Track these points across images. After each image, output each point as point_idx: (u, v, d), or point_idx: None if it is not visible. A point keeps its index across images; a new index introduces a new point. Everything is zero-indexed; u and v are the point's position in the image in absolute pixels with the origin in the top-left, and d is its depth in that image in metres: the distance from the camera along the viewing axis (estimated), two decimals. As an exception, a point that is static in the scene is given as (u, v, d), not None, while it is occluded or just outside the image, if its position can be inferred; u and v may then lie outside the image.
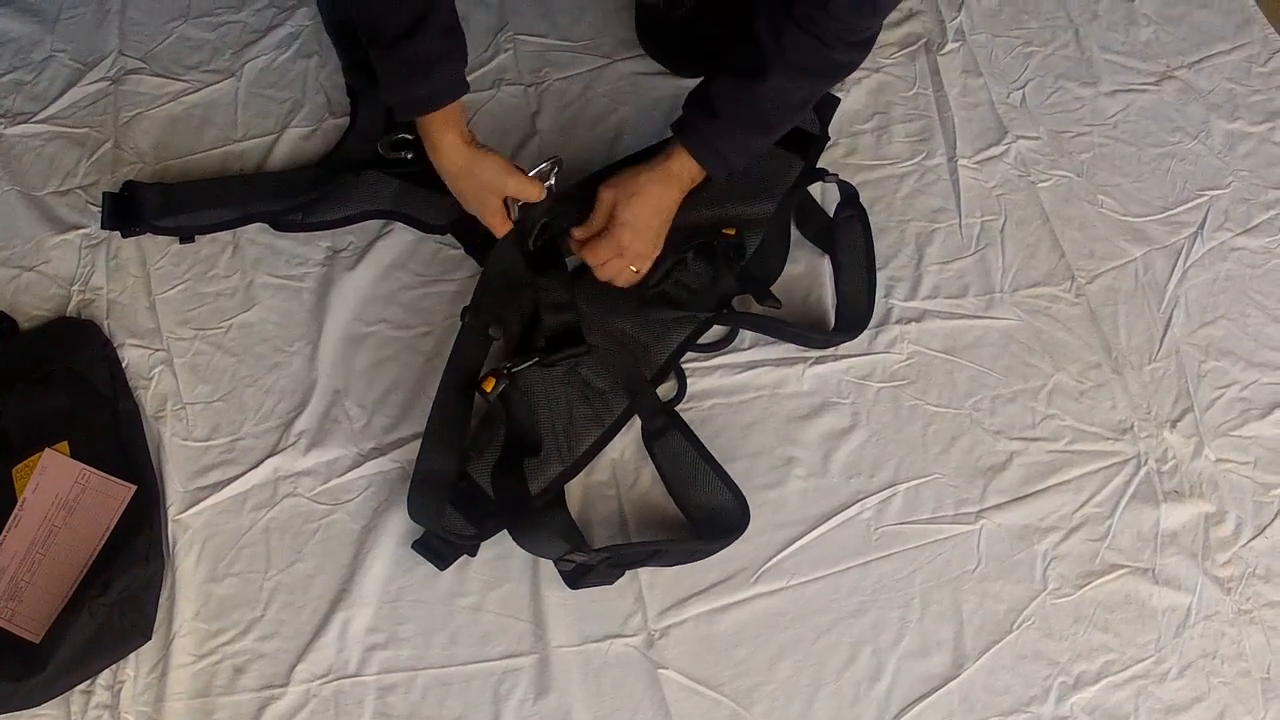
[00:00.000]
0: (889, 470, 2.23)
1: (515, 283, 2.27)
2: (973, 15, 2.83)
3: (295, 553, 2.12)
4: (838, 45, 2.10)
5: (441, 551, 2.10)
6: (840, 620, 2.09)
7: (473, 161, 2.17)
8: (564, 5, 2.78)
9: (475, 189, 2.19)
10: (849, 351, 2.34)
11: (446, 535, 2.09)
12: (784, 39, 2.08)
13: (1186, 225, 2.54)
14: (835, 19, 2.04)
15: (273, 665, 2.03)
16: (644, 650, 2.05)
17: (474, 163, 2.17)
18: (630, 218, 2.18)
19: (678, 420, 2.22)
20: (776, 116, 2.23)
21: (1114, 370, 2.35)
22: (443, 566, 2.10)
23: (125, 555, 2.05)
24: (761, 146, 2.29)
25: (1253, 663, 2.08)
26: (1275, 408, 2.33)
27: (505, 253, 2.25)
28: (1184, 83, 2.76)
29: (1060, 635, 2.09)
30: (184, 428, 2.23)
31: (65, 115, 2.59)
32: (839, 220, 2.44)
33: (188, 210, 2.43)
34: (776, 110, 2.21)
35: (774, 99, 2.17)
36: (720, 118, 2.17)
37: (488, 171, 2.17)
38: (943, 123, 2.65)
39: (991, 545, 2.16)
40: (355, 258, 2.40)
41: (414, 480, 2.09)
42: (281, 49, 2.70)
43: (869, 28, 2.14)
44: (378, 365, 2.30)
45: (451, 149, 2.16)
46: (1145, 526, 2.19)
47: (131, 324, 2.33)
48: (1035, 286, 2.44)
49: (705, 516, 2.16)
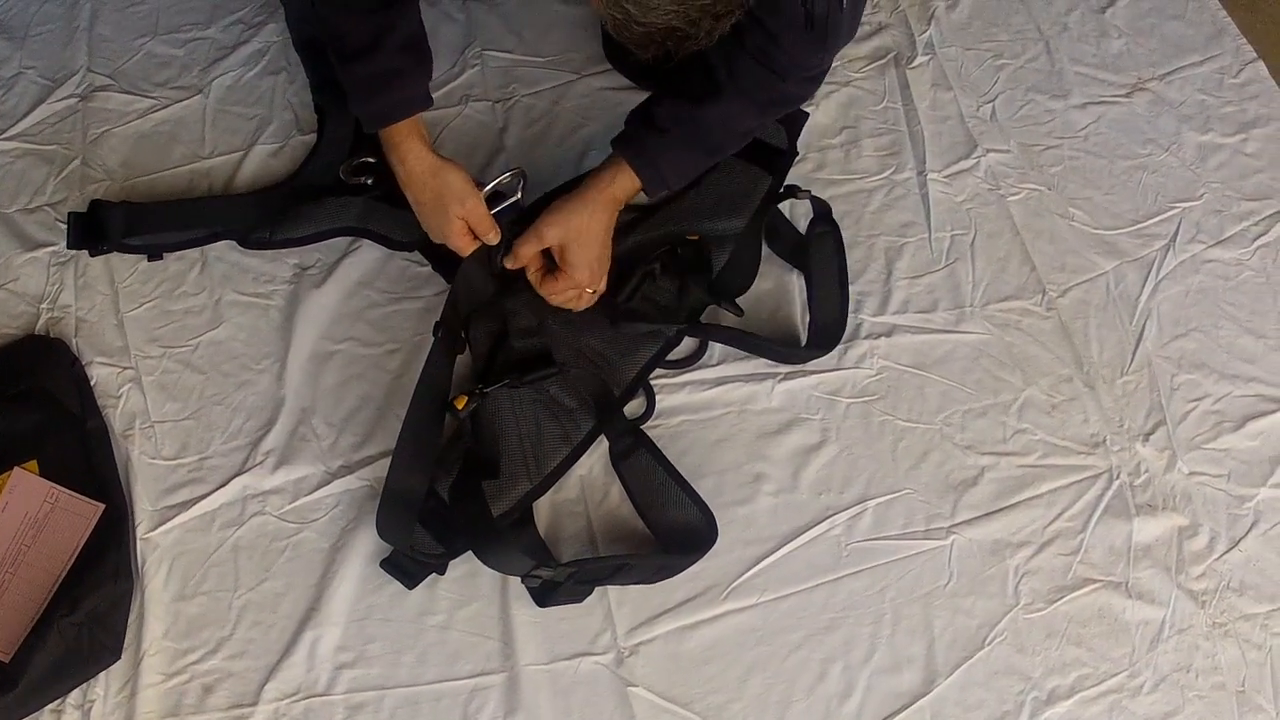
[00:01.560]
0: (859, 486, 2.22)
1: (483, 301, 2.27)
2: (942, 28, 2.84)
3: (264, 571, 2.11)
4: (790, 78, 2.15)
5: (410, 570, 2.10)
6: (811, 637, 2.09)
7: (435, 173, 2.18)
8: (531, 21, 2.78)
9: (435, 201, 2.19)
10: (818, 367, 2.33)
11: (415, 554, 2.09)
12: (736, 66, 2.10)
13: (1158, 238, 2.54)
14: (785, 52, 2.08)
15: (242, 684, 2.02)
16: (613, 668, 2.05)
17: (436, 173, 2.18)
18: (582, 259, 2.19)
19: (645, 439, 2.22)
20: (720, 141, 2.25)
21: (1086, 384, 2.35)
22: (411, 585, 2.09)
23: (94, 574, 2.05)
24: (698, 169, 2.30)
25: (1227, 676, 2.08)
26: (1248, 420, 2.33)
27: (472, 272, 2.24)
28: (1155, 95, 2.76)
29: (1033, 650, 2.09)
30: (152, 446, 2.22)
31: (34, 132, 2.58)
32: (812, 236, 2.43)
33: (154, 230, 2.42)
34: (721, 135, 2.23)
35: (721, 124, 2.20)
36: (666, 135, 2.18)
37: (449, 183, 2.17)
38: (912, 136, 2.65)
39: (963, 560, 2.16)
40: (323, 275, 2.39)
41: (383, 498, 2.08)
42: (249, 66, 2.69)
43: (820, 64, 2.20)
44: (345, 383, 2.29)
45: (415, 159, 2.17)
46: (1118, 540, 2.19)
47: (100, 342, 2.32)
48: (1006, 300, 2.44)
49: (673, 533, 2.16)
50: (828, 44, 2.13)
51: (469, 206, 2.17)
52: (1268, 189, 2.63)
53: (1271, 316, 2.46)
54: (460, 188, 2.17)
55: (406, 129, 2.17)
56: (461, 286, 2.24)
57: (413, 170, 2.18)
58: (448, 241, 2.21)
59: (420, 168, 2.18)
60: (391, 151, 2.20)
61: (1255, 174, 2.65)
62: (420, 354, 2.20)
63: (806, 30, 2.02)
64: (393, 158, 2.20)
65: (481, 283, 2.27)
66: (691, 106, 2.17)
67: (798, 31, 2.03)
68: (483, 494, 2.10)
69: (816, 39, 2.07)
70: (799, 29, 2.02)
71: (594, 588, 2.09)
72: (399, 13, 2.12)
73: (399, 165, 2.19)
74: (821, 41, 2.10)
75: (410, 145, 2.17)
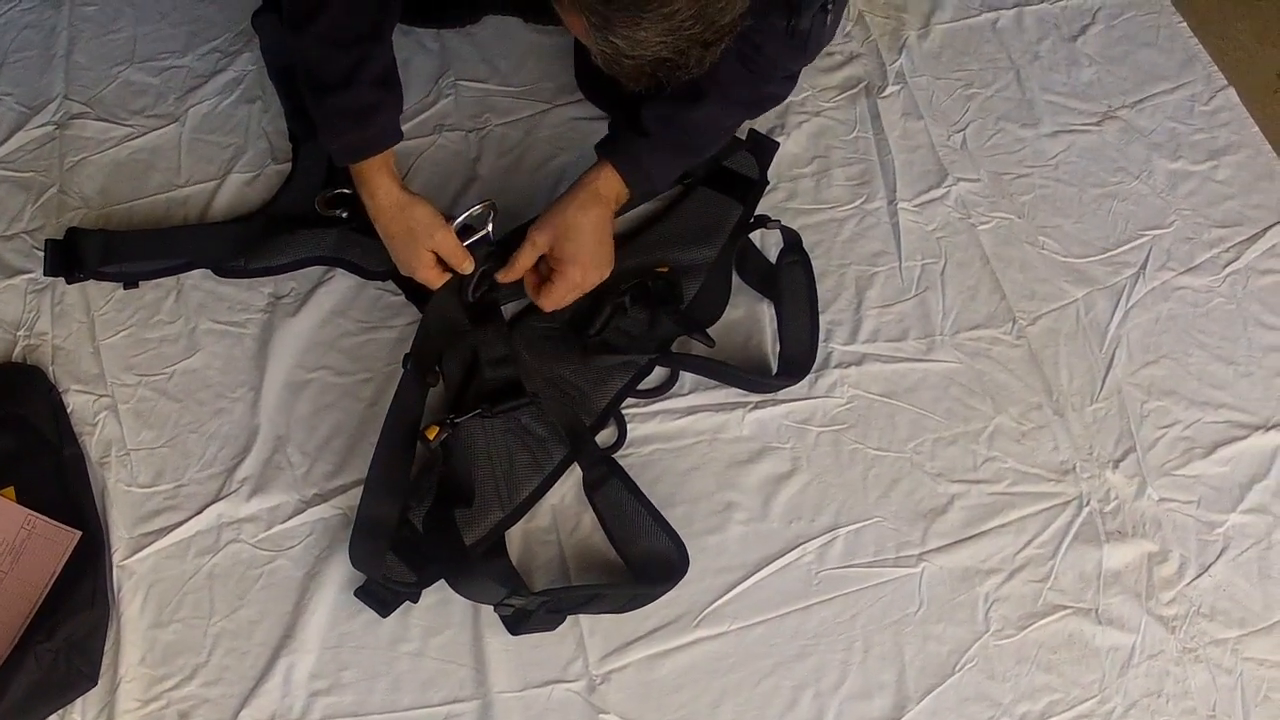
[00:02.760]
0: (829, 514, 2.23)
1: (454, 331, 2.28)
2: (913, 58, 2.85)
3: (239, 599, 2.12)
4: (772, 80, 2.22)
5: (384, 598, 2.10)
6: (782, 664, 2.09)
7: (404, 207, 2.20)
8: (505, 51, 2.78)
9: (404, 235, 2.21)
10: (789, 396, 2.34)
11: (388, 583, 2.09)
12: (719, 70, 2.08)
13: (1128, 265, 2.55)
14: (768, 59, 2.14)
15: (217, 711, 2.03)
16: (586, 695, 2.05)
17: (405, 209, 2.20)
18: (573, 252, 2.20)
19: (617, 469, 2.22)
20: (704, 141, 2.30)
21: (1055, 411, 2.36)
22: (385, 613, 2.10)
23: (70, 601, 2.04)
24: (682, 169, 2.35)
25: (1198, 701, 2.10)
26: (1218, 446, 2.34)
27: (443, 302, 2.26)
28: (1126, 123, 2.77)
29: (1003, 676, 2.10)
30: (128, 473, 2.22)
31: (10, 159, 2.58)
32: (782, 266, 2.45)
33: (130, 258, 2.42)
34: (705, 135, 2.28)
35: (705, 125, 2.24)
36: (650, 136, 2.21)
37: (418, 218, 2.19)
38: (883, 166, 2.66)
39: (933, 588, 2.17)
40: (297, 304, 2.40)
41: (355, 527, 2.09)
42: (225, 94, 2.69)
43: (798, 67, 2.27)
44: (319, 412, 2.30)
45: (384, 194, 2.19)
46: (1088, 567, 2.20)
47: (76, 369, 2.32)
48: (976, 329, 2.45)
49: (645, 563, 2.16)
50: (809, 51, 2.18)
51: (438, 239, 2.19)
52: (1238, 216, 2.64)
53: (1241, 343, 2.47)
54: (429, 221, 2.19)
55: (377, 164, 2.18)
56: (433, 317, 2.26)
57: (382, 205, 2.20)
58: (415, 275, 2.23)
59: (389, 202, 2.20)
60: (361, 186, 2.21)
61: (1225, 201, 2.67)
62: (393, 383, 2.20)
63: (788, 39, 2.06)
64: (363, 192, 2.22)
65: (453, 313, 2.28)
66: (675, 108, 2.20)
67: (780, 41, 2.07)
68: (455, 523, 2.10)
69: (797, 47, 2.12)
70: (781, 39, 2.06)
71: (566, 616, 2.10)
72: (374, 44, 2.14)
73: (369, 200, 2.21)
74: (802, 49, 2.16)
75: (379, 180, 2.19)
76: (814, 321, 2.41)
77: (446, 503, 2.14)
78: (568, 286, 2.22)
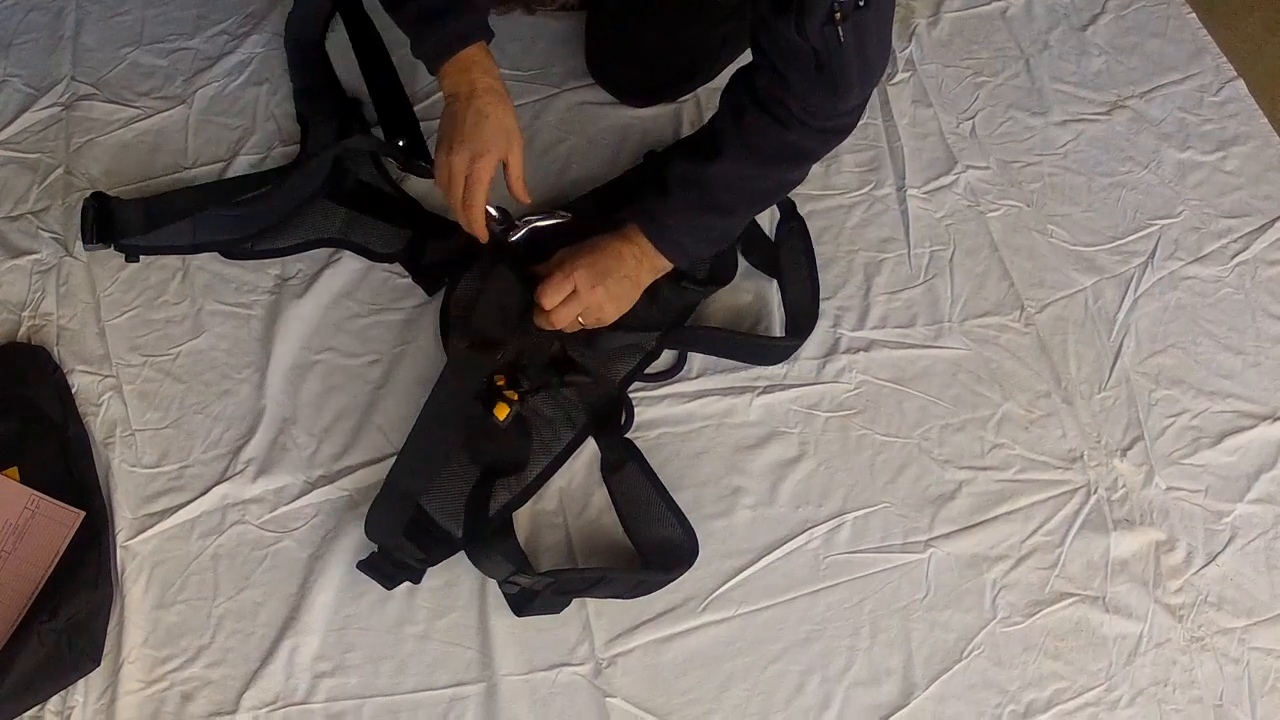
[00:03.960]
0: (837, 500, 2.23)
1: (512, 309, 2.26)
2: (923, 45, 2.85)
3: (243, 580, 2.11)
4: (795, 127, 2.09)
5: (388, 572, 2.10)
6: (789, 649, 2.09)
7: (502, 98, 2.17)
8: (514, 34, 2.77)
9: (495, 128, 2.15)
10: (797, 381, 2.34)
11: (396, 554, 2.09)
12: (744, 119, 2.08)
13: (1137, 254, 2.55)
14: (795, 96, 2.04)
15: (221, 692, 2.02)
16: (591, 679, 2.05)
17: (503, 100, 2.17)
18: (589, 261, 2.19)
19: (635, 453, 2.23)
20: (731, 201, 2.21)
21: (1064, 399, 2.35)
22: (389, 586, 2.09)
23: (74, 581, 2.04)
24: (720, 232, 2.28)
25: (1205, 690, 2.09)
26: (1226, 436, 2.34)
27: (504, 279, 2.25)
28: (1135, 112, 2.77)
29: (1010, 664, 2.09)
30: (133, 454, 2.22)
31: (17, 140, 2.58)
32: (783, 234, 2.47)
33: (168, 219, 2.42)
34: (730, 195, 2.20)
35: (726, 182, 2.17)
36: (670, 197, 2.18)
37: (510, 117, 2.16)
38: (892, 153, 2.66)
39: (940, 574, 2.16)
40: (304, 285, 2.39)
41: (382, 493, 2.09)
42: (233, 76, 2.69)
43: (831, 113, 2.12)
44: (326, 393, 2.29)
45: (487, 83, 2.16)
46: (1095, 555, 2.20)
47: (81, 350, 2.32)
48: (984, 316, 2.45)
49: (655, 550, 2.16)
50: (838, 90, 2.04)
51: (514, 154, 2.18)
52: (1246, 207, 2.64)
53: (1249, 333, 2.47)
54: (509, 126, 2.17)
55: (464, 63, 2.15)
56: (493, 292, 2.26)
57: (485, 88, 2.16)
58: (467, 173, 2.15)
59: (484, 86, 2.15)
60: (463, 82, 2.16)
61: (1234, 191, 2.67)
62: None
63: (816, 73, 1.98)
64: (464, 88, 2.16)
65: (512, 290, 2.26)
66: (695, 165, 2.16)
67: (807, 73, 1.98)
68: (489, 494, 2.14)
69: (826, 83, 2.01)
70: (808, 70, 1.98)
71: (571, 599, 2.10)
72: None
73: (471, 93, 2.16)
74: (832, 87, 2.03)
75: (478, 77, 2.15)
76: (813, 277, 2.43)
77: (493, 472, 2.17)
78: (579, 309, 2.18)
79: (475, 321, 2.22)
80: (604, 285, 2.17)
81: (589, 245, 2.21)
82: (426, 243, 2.42)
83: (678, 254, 2.22)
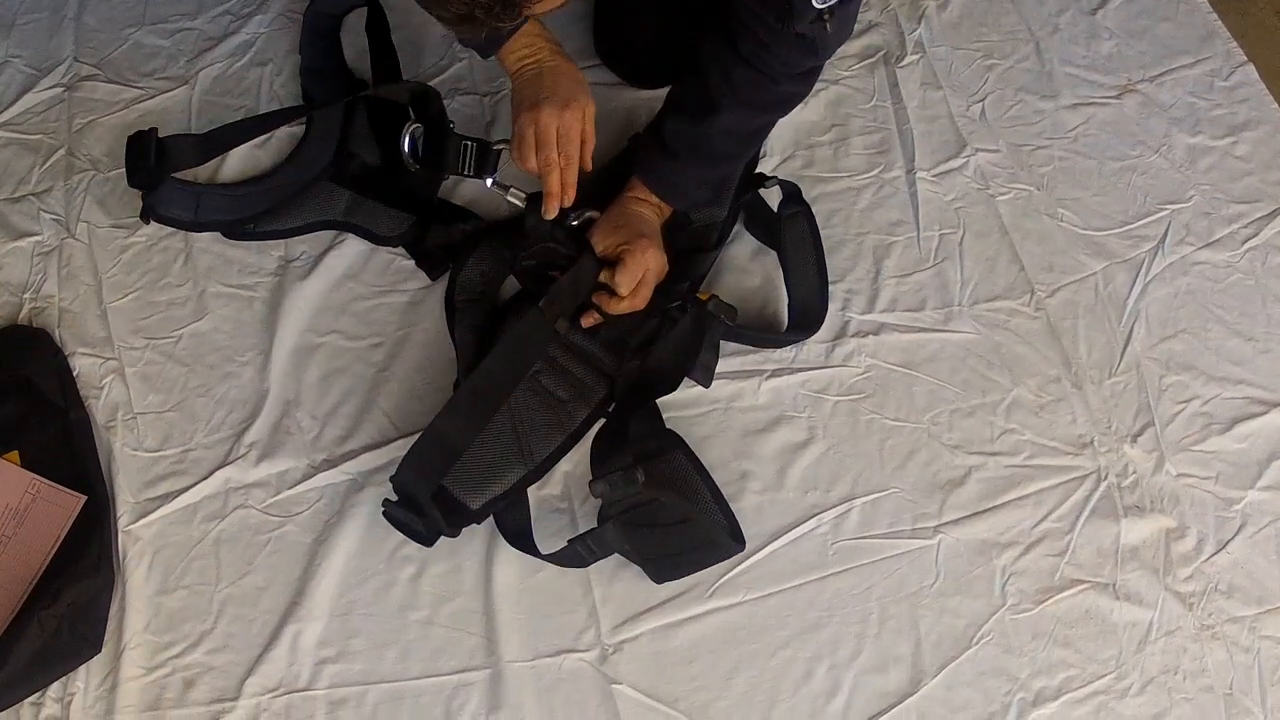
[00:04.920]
0: (846, 484, 2.21)
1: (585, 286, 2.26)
2: (932, 28, 2.83)
3: (246, 565, 2.11)
4: (783, 80, 2.17)
5: (407, 525, 2.09)
6: (797, 635, 2.08)
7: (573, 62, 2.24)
8: (522, 14, 2.74)
9: (574, 83, 2.21)
10: (805, 364, 2.33)
11: (427, 509, 2.06)
12: (733, 76, 2.13)
13: (1147, 239, 2.53)
14: (778, 57, 2.11)
15: (223, 678, 2.01)
16: (597, 665, 2.04)
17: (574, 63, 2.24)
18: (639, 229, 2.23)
19: (679, 441, 2.21)
20: (730, 148, 2.27)
21: (1074, 384, 2.34)
22: (407, 534, 2.10)
23: (75, 566, 2.03)
24: (722, 176, 2.33)
25: (1215, 678, 2.07)
26: (1236, 422, 2.32)
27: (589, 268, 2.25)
28: (1145, 96, 2.75)
29: (1020, 651, 2.08)
30: (135, 438, 2.21)
31: (19, 121, 2.58)
32: (784, 216, 2.44)
33: (220, 149, 2.48)
34: (729, 143, 2.26)
35: (725, 133, 2.22)
36: (676, 157, 2.22)
37: (582, 75, 2.22)
38: (901, 135, 2.65)
39: (950, 560, 2.15)
40: (308, 267, 2.39)
41: (423, 438, 2.08)
42: (236, 56, 2.69)
43: (813, 65, 2.21)
44: (329, 376, 2.29)
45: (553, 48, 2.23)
46: (1105, 542, 2.18)
47: (83, 333, 2.31)
48: (994, 300, 2.43)
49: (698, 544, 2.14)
50: (818, 51, 2.14)
51: (590, 110, 2.21)
52: (1257, 192, 2.62)
53: (1260, 319, 2.45)
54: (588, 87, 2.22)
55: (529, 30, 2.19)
56: (584, 269, 2.26)
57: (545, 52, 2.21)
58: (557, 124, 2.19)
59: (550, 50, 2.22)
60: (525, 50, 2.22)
61: (1244, 177, 2.65)
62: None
63: (795, 40, 2.05)
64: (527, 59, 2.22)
65: (590, 273, 2.26)
66: (694, 124, 2.20)
67: (786, 42, 2.06)
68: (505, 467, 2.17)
69: (806, 47, 2.10)
70: (787, 39, 2.05)
71: (595, 559, 2.09)
72: None
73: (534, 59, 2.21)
74: (811, 49, 2.12)
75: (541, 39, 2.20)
76: (822, 272, 2.41)
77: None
78: (638, 263, 2.19)
79: (555, 291, 2.21)
80: (656, 250, 2.21)
81: (621, 217, 2.24)
82: (429, 227, 2.41)
83: (685, 204, 2.31)
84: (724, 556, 2.11)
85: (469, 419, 2.11)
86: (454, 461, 2.09)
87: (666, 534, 2.08)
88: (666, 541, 2.08)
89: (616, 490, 2.03)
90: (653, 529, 2.07)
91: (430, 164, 2.40)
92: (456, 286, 2.34)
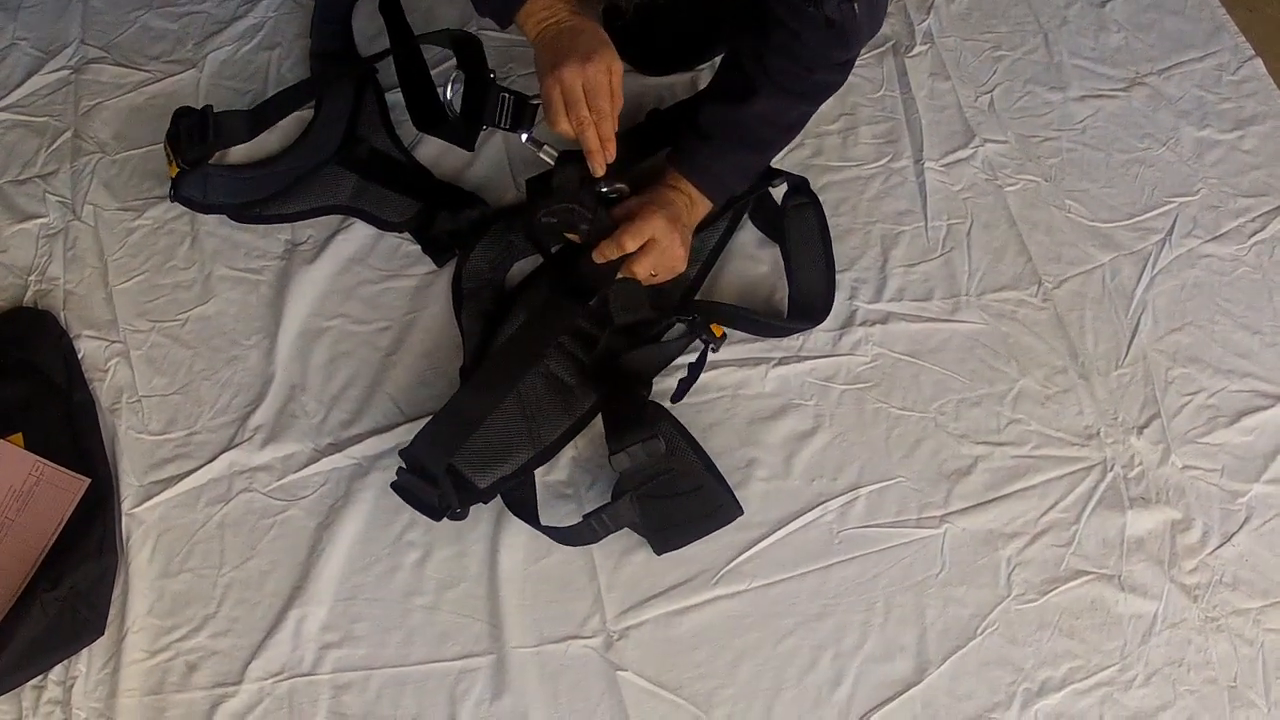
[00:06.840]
0: (852, 473, 2.21)
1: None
2: (941, 18, 2.83)
3: (250, 549, 2.11)
4: (819, 69, 2.18)
5: (417, 496, 2.09)
6: (802, 624, 2.08)
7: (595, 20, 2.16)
8: (531, 1, 2.74)
9: (595, 39, 2.12)
10: (812, 353, 2.33)
11: (441, 479, 2.06)
12: (768, 63, 2.13)
13: (1154, 231, 2.53)
14: (809, 49, 2.11)
15: (226, 663, 2.01)
16: (602, 652, 2.04)
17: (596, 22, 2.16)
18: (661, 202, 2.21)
19: (665, 414, 2.20)
20: (768, 136, 2.29)
21: (1080, 375, 2.34)
22: (415, 506, 2.09)
23: (78, 549, 2.04)
24: (756, 167, 2.33)
25: (1219, 671, 2.07)
26: (1242, 415, 2.32)
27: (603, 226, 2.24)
28: (1153, 89, 2.75)
29: (1024, 641, 2.08)
30: (139, 420, 2.21)
31: (25, 104, 2.58)
32: (788, 208, 2.44)
33: (266, 124, 2.49)
34: (767, 131, 2.27)
35: (763, 120, 2.23)
36: (712, 141, 2.21)
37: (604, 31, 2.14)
38: (910, 125, 2.65)
39: (955, 550, 2.15)
40: (314, 251, 2.39)
41: (442, 411, 2.09)
42: (244, 40, 2.69)
43: (844, 56, 2.20)
44: (335, 360, 2.28)
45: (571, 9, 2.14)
46: (1111, 533, 2.18)
47: (88, 315, 2.31)
48: (1001, 290, 2.43)
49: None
50: (849, 41, 2.14)
51: (617, 64, 2.12)
52: (1264, 186, 2.62)
53: (1267, 312, 2.45)
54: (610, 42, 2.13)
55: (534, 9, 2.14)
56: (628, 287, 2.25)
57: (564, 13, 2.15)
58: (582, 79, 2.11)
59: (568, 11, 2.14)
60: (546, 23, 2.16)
61: (1252, 170, 2.65)
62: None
63: (825, 29, 2.05)
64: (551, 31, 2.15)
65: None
66: (731, 108, 2.21)
67: (817, 31, 2.05)
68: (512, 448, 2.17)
69: (836, 37, 2.09)
70: (817, 29, 2.05)
71: (606, 533, 2.10)
72: None
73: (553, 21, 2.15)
74: (842, 39, 2.12)
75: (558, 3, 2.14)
76: (829, 264, 2.41)
77: None
78: (648, 223, 2.15)
79: (582, 266, 2.21)
80: (678, 232, 2.20)
81: (650, 197, 2.23)
82: (436, 213, 2.41)
83: (720, 193, 2.28)
84: (726, 522, 2.12)
85: (491, 392, 2.11)
86: (470, 433, 2.09)
87: (676, 503, 2.09)
88: (675, 511, 2.09)
89: (638, 460, 2.04)
90: (665, 499, 2.08)
91: (469, 114, 2.38)
92: (464, 272, 2.34)
